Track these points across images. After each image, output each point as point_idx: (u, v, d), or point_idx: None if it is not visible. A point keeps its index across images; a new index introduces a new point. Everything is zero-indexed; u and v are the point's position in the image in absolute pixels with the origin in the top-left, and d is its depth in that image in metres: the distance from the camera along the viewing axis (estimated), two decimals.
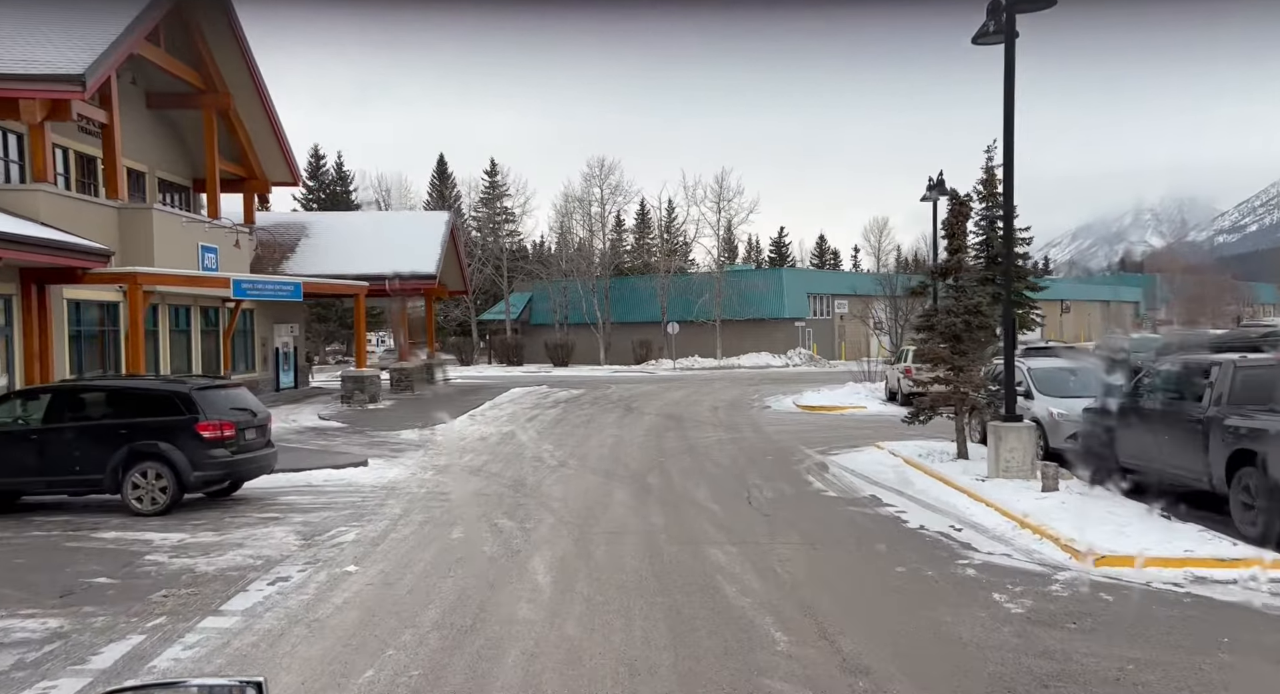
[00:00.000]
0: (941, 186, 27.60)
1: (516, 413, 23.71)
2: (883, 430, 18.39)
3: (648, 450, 16.37)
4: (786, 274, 55.59)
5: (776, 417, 22.29)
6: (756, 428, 19.81)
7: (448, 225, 30.23)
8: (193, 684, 2.24)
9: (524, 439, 18.29)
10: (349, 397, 23.74)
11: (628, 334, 54.43)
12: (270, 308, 28.35)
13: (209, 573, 8.22)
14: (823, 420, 21.23)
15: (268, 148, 28.07)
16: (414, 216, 30.41)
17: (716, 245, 54.93)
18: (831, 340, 56.56)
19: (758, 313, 52.46)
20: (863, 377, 29.43)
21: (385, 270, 27.70)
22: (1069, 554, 8.31)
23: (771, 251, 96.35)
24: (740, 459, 15.16)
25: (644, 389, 32.50)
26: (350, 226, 29.99)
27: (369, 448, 16.82)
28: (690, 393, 30.64)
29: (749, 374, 43.51)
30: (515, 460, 15.30)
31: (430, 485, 12.85)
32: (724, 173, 56.42)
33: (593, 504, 11.37)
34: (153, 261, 20.64)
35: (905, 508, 10.89)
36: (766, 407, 24.88)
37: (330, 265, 27.41)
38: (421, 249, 28.72)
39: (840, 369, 44.58)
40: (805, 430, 19.11)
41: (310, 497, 11.99)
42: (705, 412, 23.74)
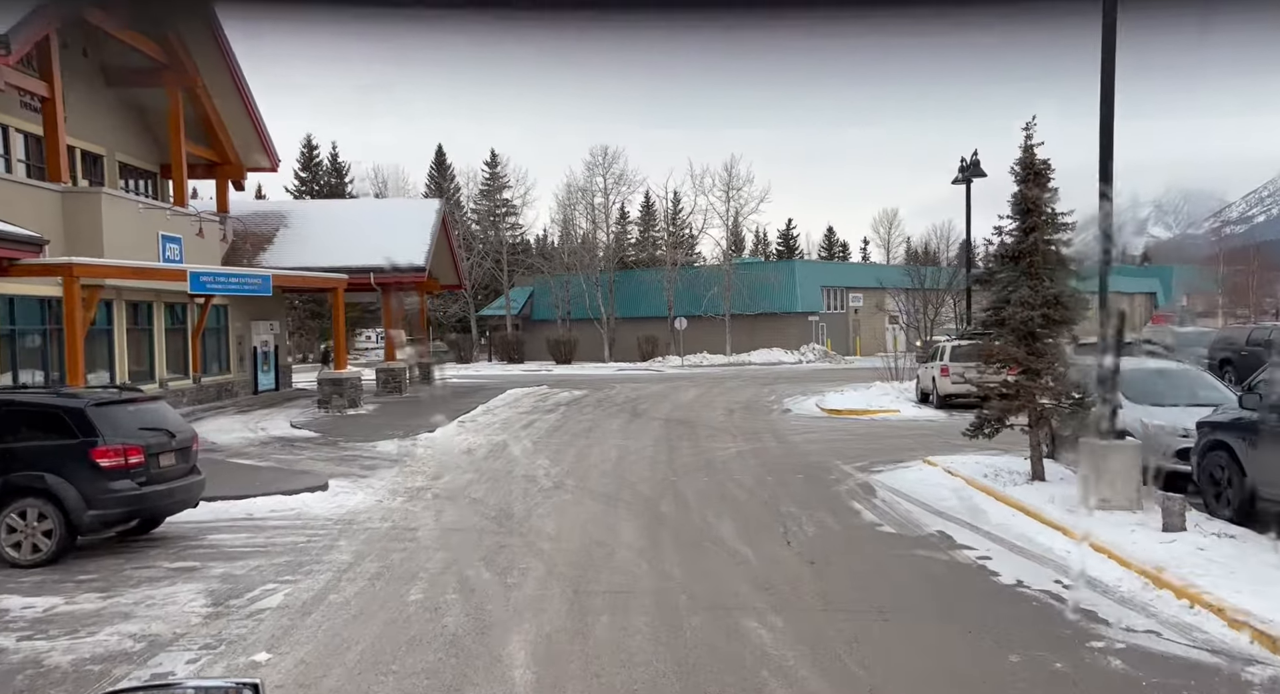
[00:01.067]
0: (976, 167, 25.31)
1: (511, 418, 21.47)
2: (926, 441, 16.10)
3: (658, 466, 14.11)
4: (799, 266, 53.23)
5: (800, 422, 20.01)
6: (779, 436, 17.53)
7: (439, 214, 27.97)
8: (189, 685, 2.27)
9: (517, 452, 16.05)
10: (326, 401, 21.53)
11: (633, 330, 52.17)
12: (247, 303, 26.15)
13: (60, 667, 5.99)
14: (853, 427, 18.95)
15: (242, 130, 25.82)
16: (402, 205, 28.23)
17: (725, 236, 52.55)
18: (846, 335, 54.21)
19: (769, 307, 50.13)
20: (889, 375, 27.10)
21: (370, 262, 25.46)
22: (1251, 636, 6.02)
23: (779, 244, 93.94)
24: (767, 478, 12.90)
25: (651, 389, 30.25)
26: (333, 216, 27.76)
27: (336, 464, 14.60)
28: (701, 393, 28.37)
29: (761, 372, 41.21)
30: (504, 480, 13.05)
31: (397, 517, 10.61)
32: (733, 160, 54.39)
33: (593, 545, 9.13)
34: (102, 252, 18.42)
35: (988, 551, 8.62)
36: (787, 410, 22.59)
37: (311, 257, 25.18)
38: (410, 240, 26.47)
39: (858, 365, 42.27)
40: (836, 440, 16.83)
41: (245, 535, 9.76)
42: (719, 416, 21.48)
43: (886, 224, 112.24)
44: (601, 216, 54.08)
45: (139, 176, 24.61)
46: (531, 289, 58.83)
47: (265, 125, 26.15)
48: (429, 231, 26.98)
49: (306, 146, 59.18)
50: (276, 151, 26.75)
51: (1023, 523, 9.50)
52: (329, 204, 28.25)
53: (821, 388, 28.84)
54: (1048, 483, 11.10)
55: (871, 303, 56.38)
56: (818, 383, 31.62)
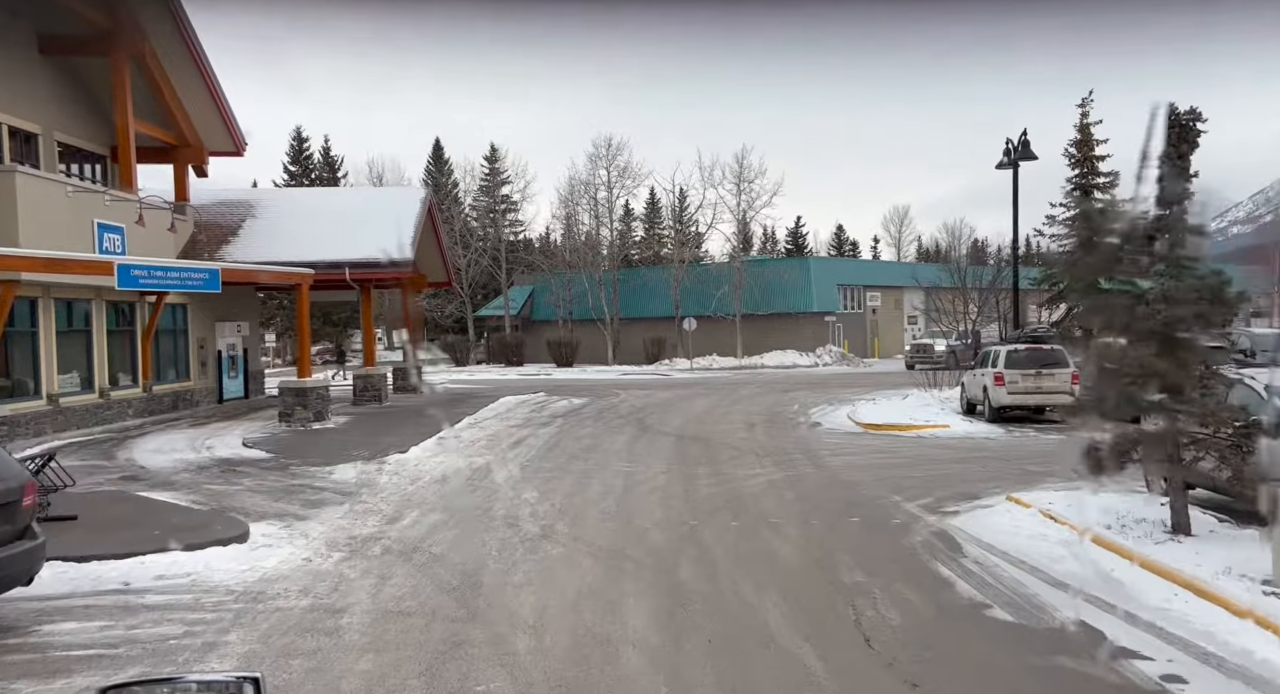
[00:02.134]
0: (1026, 149, 22.53)
1: (500, 433, 18.73)
2: (995, 467, 13.36)
3: (672, 503, 11.37)
4: (814, 263, 50.40)
5: (834, 439, 17.23)
6: (815, 459, 14.76)
7: (424, 203, 25.24)
8: (191, 679, 2.29)
9: (500, 479, 13.29)
10: (289, 414, 18.79)
11: (638, 331, 49.43)
12: (210, 302, 23.47)
13: None
14: (900, 447, 16.18)
15: (202, 109, 23.13)
16: (384, 194, 25.48)
17: (736, 231, 49.75)
18: (864, 337, 51.42)
19: (782, 306, 47.37)
20: (926, 382, 24.26)
21: (346, 256, 22.77)
22: None
23: (788, 242, 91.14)
24: (812, 522, 10.14)
25: (659, 397, 27.48)
26: (307, 206, 25.05)
27: (274, 499, 11.87)
28: (715, 402, 25.61)
29: (777, 376, 38.44)
30: (478, 524, 10.32)
31: (324, 588, 7.87)
32: (744, 151, 51.11)
33: (588, 641, 6.39)
34: (17, 240, 15.76)
35: (1169, 660, 5.84)
36: (815, 424, 19.81)
37: (281, 250, 22.47)
38: (391, 231, 23.72)
39: (878, 369, 39.48)
40: (885, 465, 14.06)
41: (101, 622, 7.02)
42: (739, 430, 18.72)
43: (897, 222, 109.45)
44: (605, 211, 51.33)
45: (85, 160, 21.93)
46: (531, 288, 56.13)
47: (229, 103, 23.46)
48: (412, 223, 24.25)
49: (296, 138, 56.54)
50: (243, 133, 24.05)
51: (1196, 608, 6.73)
52: (302, 193, 25.58)
53: (848, 395, 26.08)
54: (1196, 539, 8.33)
55: (890, 302, 53.65)
56: (842, 389, 28.86)
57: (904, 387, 28.52)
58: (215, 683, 2.25)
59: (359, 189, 24.88)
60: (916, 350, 41.35)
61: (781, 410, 22.75)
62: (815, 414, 21.68)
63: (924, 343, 41.51)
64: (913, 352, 41.56)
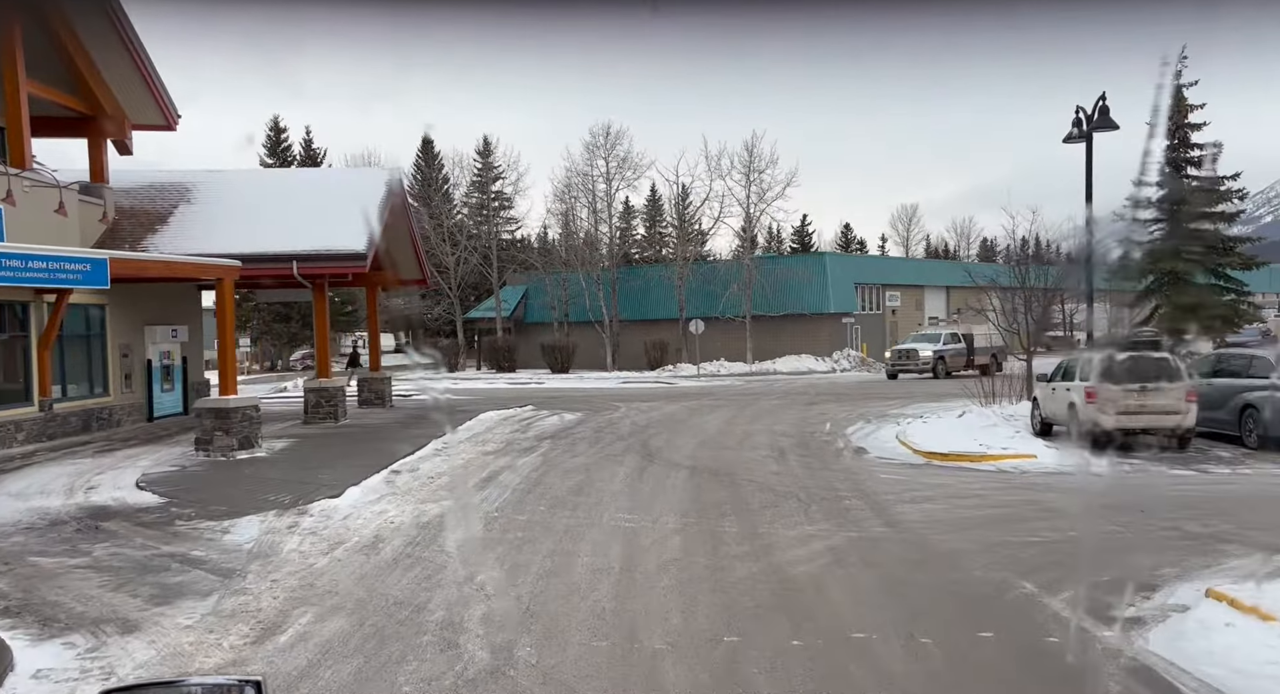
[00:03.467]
0: (1105, 117, 18.86)
1: (470, 465, 15.04)
2: (1138, 525, 9.69)
3: (696, 596, 7.67)
4: (831, 260, 46.69)
5: (894, 474, 13.52)
6: (882, 509, 11.05)
7: (389, 187, 21.57)
8: (192, 682, 2.26)
9: (452, 546, 9.60)
10: (206, 441, 15.06)
11: (639, 333, 45.78)
12: (136, 301, 19.84)
13: None
14: (986, 488, 12.47)
15: (123, 75, 19.45)
16: (343, 177, 21.83)
17: (746, 225, 45.95)
18: (882, 339, 47.70)
19: (796, 307, 43.72)
20: (981, 394, 20.51)
21: (294, 247, 19.14)
22: None
23: (794, 241, 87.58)
24: (923, 640, 6.43)
25: (665, 410, 23.79)
26: (253, 190, 21.36)
27: (119, 585, 8.19)
28: (731, 417, 21.93)
29: (795, 384, 34.75)
30: (395, 647, 6.62)
31: None
32: (755, 138, 46.94)
33: None
34: None
35: None
36: (861, 450, 16.10)
37: (219, 240, 18.83)
38: (349, 219, 20.11)
39: (902, 376, 35.73)
40: (982, 520, 10.37)
41: None
42: (768, 459, 15.03)
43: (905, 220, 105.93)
44: (603, 205, 47.63)
45: None
46: (525, 288, 52.49)
47: (156, 72, 19.78)
48: (374, 209, 20.59)
49: (274, 129, 52.73)
50: (173, 105, 20.36)
51: None
52: (249, 175, 21.92)
53: (885, 409, 22.43)
54: None
55: (911, 302, 50.01)
56: (874, 401, 25.19)
57: (946, 398, 24.84)
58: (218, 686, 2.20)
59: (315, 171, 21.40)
60: (899, 357, 35.93)
61: (812, 430, 19.06)
62: (855, 435, 18.00)
63: (907, 348, 36.30)
64: (894, 358, 36.23)
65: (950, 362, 35.76)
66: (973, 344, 36.65)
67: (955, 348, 36.21)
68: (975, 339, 37.00)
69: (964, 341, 36.57)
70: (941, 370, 35.16)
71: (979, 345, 36.84)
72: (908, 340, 38.56)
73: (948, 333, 36.97)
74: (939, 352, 35.57)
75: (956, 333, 37.04)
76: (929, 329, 39.60)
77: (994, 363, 37.35)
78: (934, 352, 35.43)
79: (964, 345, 36.43)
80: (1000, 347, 38.24)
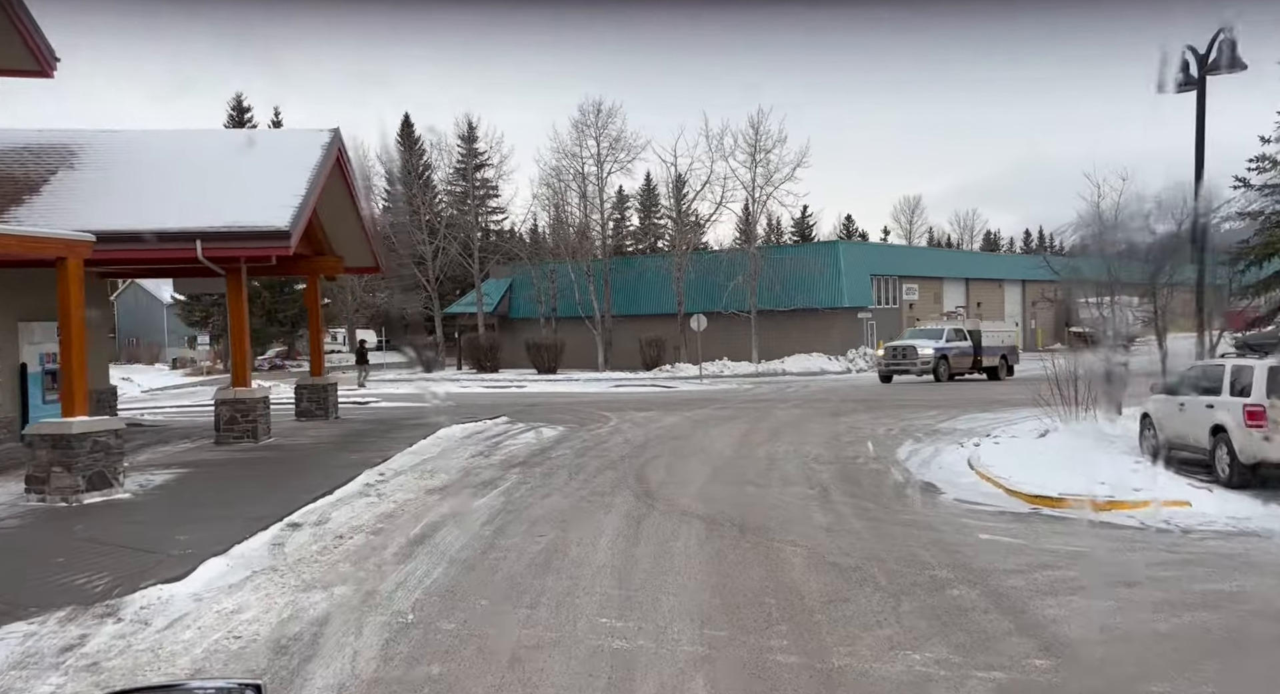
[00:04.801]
0: (1232, 53, 14.90)
1: (400, 515, 11.01)
2: None
3: None
4: (845, 249, 42.66)
5: (996, 533, 9.48)
6: (1010, 609, 7.02)
7: (328, 151, 17.52)
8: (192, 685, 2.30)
9: None
10: (41, 481, 10.99)
11: (634, 330, 41.83)
12: (7, 291, 15.80)
13: None
14: (1160, 565, 8.45)
15: None
16: (269, 139, 17.80)
17: (751, 209, 41.87)
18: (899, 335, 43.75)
19: (806, 301, 39.81)
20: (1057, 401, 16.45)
21: (198, 223, 15.12)
22: None
23: (794, 233, 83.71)
24: None
25: (664, 424, 19.83)
26: (151, 155, 17.25)
27: None
28: (745, 433, 17.98)
29: (811, 388, 30.82)
30: None
31: None
32: (760, 114, 42.32)
33: None
34: None
35: None
36: (930, 488, 12.07)
37: (106, 213, 14.79)
38: (272, 192, 16.09)
39: (928, 377, 31.68)
40: (1199, 641, 6.38)
41: None
42: (809, 505, 11.04)
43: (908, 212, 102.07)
44: (594, 190, 43.53)
45: None
46: (510, 280, 48.47)
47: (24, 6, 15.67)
48: (305, 179, 16.55)
49: (236, 108, 48.51)
50: (49, 47, 16.25)
51: None
52: (149, 136, 17.86)
53: (929, 421, 18.55)
54: None
55: (929, 295, 46.09)
56: (912, 410, 21.27)
57: (998, 406, 20.92)
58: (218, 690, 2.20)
59: (236, 133, 17.57)
60: (894, 355, 31.06)
61: (853, 453, 15.08)
62: (911, 462, 14.03)
63: (903, 344, 31.36)
64: (888, 357, 31.35)
65: (954, 362, 31.56)
66: (980, 342, 32.53)
67: (960, 346, 31.91)
68: (983, 336, 32.90)
69: (970, 339, 32.37)
70: (944, 372, 30.98)
71: (987, 344, 32.77)
72: (903, 335, 34.03)
73: (951, 328, 32.53)
74: (941, 350, 31.12)
75: (961, 328, 32.78)
76: (929, 323, 35.38)
77: (1004, 365, 33.29)
78: (935, 349, 30.85)
79: (970, 343, 32.24)
80: (1010, 347, 34.14)
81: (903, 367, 31.21)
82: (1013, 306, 54.38)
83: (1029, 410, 17.36)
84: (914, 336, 32.83)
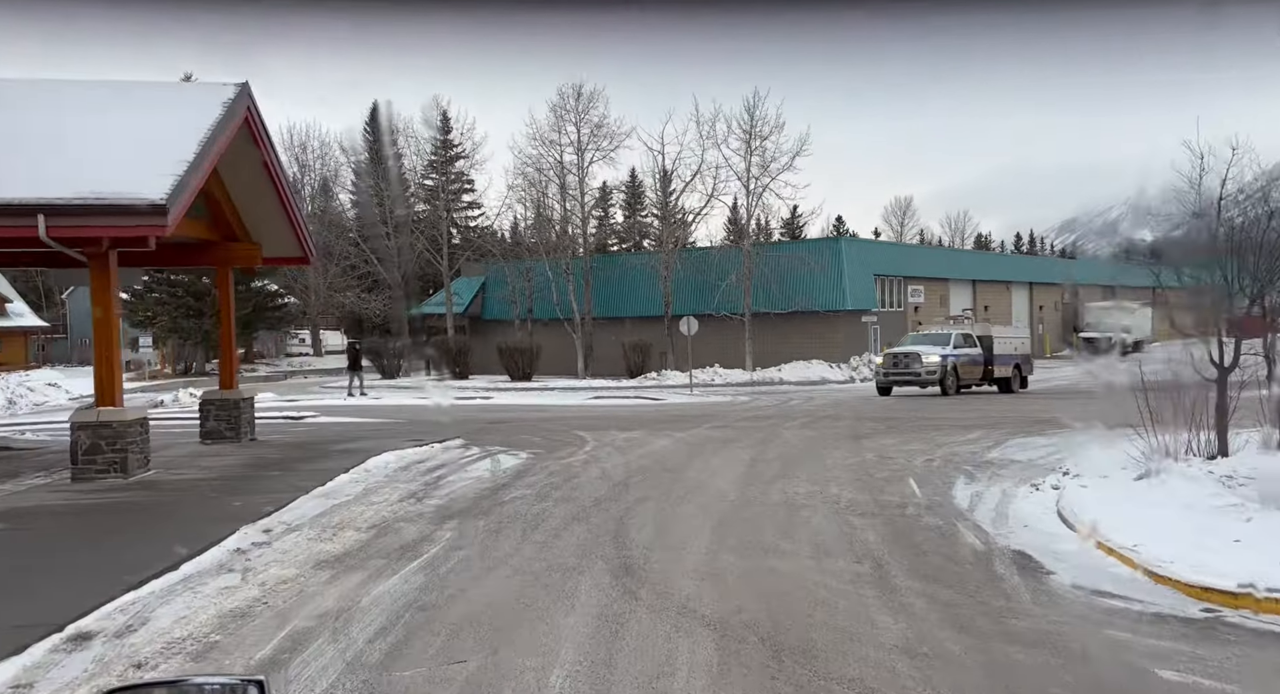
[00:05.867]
0: None
1: (256, 615, 7.43)
2: None
3: None
4: (847, 246, 39.29)
5: (1180, 669, 6.07)
6: None
7: (229, 110, 13.93)
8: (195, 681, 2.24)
9: None
10: None
11: (617, 334, 38.39)
12: None
13: None
14: None
15: None
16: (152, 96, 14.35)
17: (746, 202, 38.38)
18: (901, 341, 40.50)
19: (806, 303, 36.49)
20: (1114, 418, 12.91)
21: (38, 193, 11.58)
22: None
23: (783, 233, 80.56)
24: None
25: (650, 449, 16.35)
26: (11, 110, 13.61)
27: None
28: (750, 462, 14.51)
29: (812, 400, 27.44)
30: None
31: None
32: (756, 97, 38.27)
33: None
34: None
35: None
36: (1026, 561, 8.59)
37: None
38: (150, 158, 12.54)
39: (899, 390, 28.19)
40: None
41: None
42: (864, 595, 7.56)
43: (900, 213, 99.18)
44: (574, 180, 39.98)
45: None
46: (483, 279, 44.89)
47: None
48: (196, 142, 12.98)
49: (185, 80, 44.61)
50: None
51: None
52: (4, 85, 14.13)
53: (974, 448, 15.19)
54: None
55: (935, 297, 42.83)
56: (943, 431, 17.90)
57: (1045, 428, 17.53)
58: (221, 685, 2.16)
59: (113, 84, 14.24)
60: (895, 363, 27.45)
61: (895, 497, 11.63)
62: (974, 510, 10.61)
63: (905, 351, 27.32)
64: (887, 365, 27.43)
65: (963, 372, 27.90)
66: (992, 349, 28.85)
67: (969, 353, 28.20)
68: (995, 342, 29.17)
69: (980, 345, 28.68)
70: (951, 383, 27.29)
71: (999, 351, 29.00)
72: (905, 341, 30.16)
73: (959, 333, 28.75)
74: (949, 357, 27.39)
75: (970, 333, 29.02)
76: (933, 327, 31.68)
77: (1017, 375, 29.62)
78: (942, 357, 27.06)
79: (980, 350, 28.55)
80: (1024, 355, 30.54)
81: (905, 376, 27.60)
82: (1020, 310, 51.31)
83: (1089, 434, 13.99)
84: (917, 342, 29.01)
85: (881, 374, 28.36)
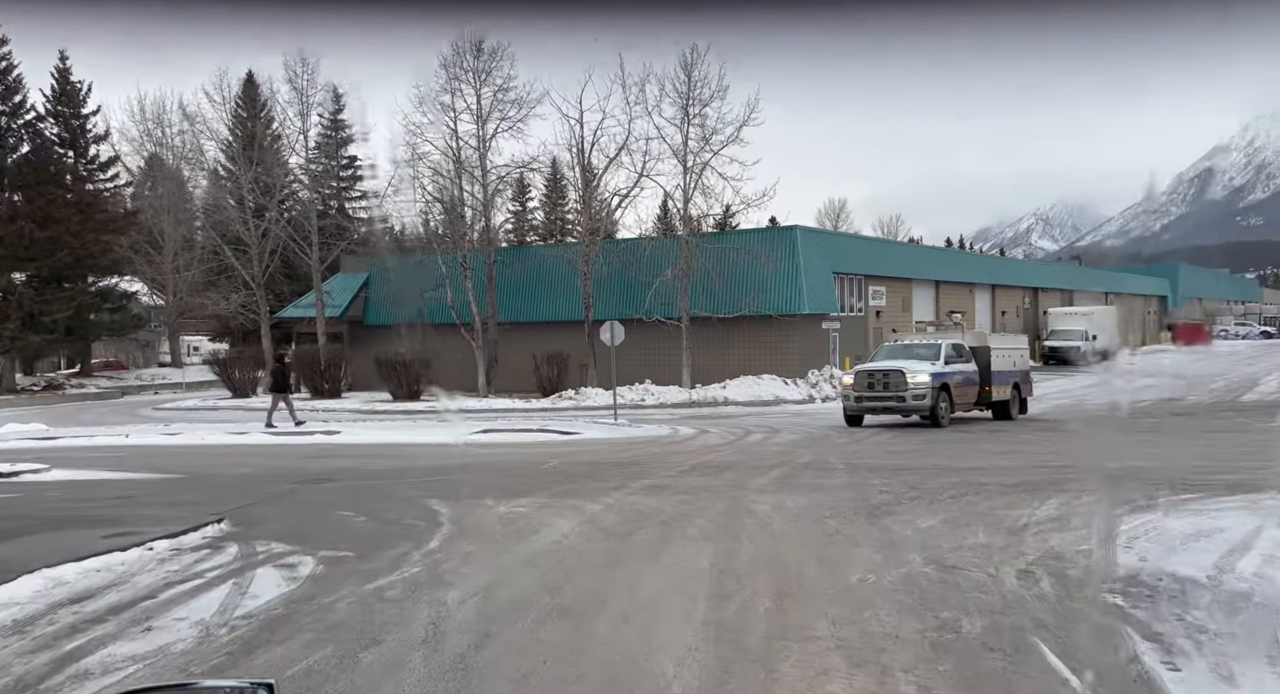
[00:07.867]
0: None
1: None
2: None
3: None
4: (803, 237, 32.83)
5: None
6: None
7: None
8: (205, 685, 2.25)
9: None
10: None
11: (527, 342, 31.56)
12: None
13: None
14: None
15: None
16: None
17: (684, 182, 31.74)
18: (865, 351, 34.47)
19: (755, 305, 30.18)
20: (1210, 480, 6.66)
21: None
22: None
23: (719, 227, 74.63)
24: None
25: (542, 546, 9.49)
26: None
27: None
28: (715, 575, 7.70)
29: (776, 431, 20.89)
30: None
31: None
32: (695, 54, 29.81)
33: None
34: None
35: None
36: None
37: None
38: None
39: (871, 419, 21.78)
40: None
41: None
42: None
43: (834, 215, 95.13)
44: (473, 154, 32.79)
45: None
46: (366, 276, 37.46)
47: None
48: None
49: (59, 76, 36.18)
50: None
51: None
52: None
53: (1068, 530, 8.60)
54: None
55: (897, 300, 36.93)
56: (1004, 495, 11.26)
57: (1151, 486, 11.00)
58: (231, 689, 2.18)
59: None
60: (869, 383, 20.79)
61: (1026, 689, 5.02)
62: None
63: (883, 368, 20.98)
64: (859, 385, 21.00)
65: (957, 394, 21.47)
66: (989, 365, 22.28)
67: (964, 370, 21.63)
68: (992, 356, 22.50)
69: (973, 360, 22.23)
70: (945, 411, 20.77)
71: (997, 367, 22.42)
72: (880, 354, 23.54)
73: (950, 344, 22.26)
74: (941, 376, 20.75)
75: (962, 343, 22.54)
76: (914, 337, 25.22)
77: (1015, 397, 23.17)
78: (932, 375, 20.50)
79: (974, 366, 22.13)
80: (1024, 371, 23.99)
81: (884, 402, 20.77)
82: (983, 315, 46.04)
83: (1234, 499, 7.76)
84: (896, 356, 22.06)
85: (852, 398, 21.40)
